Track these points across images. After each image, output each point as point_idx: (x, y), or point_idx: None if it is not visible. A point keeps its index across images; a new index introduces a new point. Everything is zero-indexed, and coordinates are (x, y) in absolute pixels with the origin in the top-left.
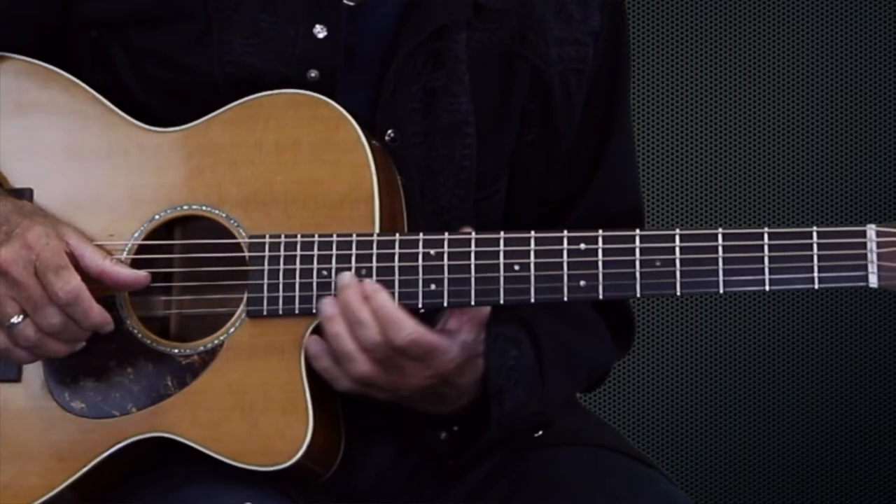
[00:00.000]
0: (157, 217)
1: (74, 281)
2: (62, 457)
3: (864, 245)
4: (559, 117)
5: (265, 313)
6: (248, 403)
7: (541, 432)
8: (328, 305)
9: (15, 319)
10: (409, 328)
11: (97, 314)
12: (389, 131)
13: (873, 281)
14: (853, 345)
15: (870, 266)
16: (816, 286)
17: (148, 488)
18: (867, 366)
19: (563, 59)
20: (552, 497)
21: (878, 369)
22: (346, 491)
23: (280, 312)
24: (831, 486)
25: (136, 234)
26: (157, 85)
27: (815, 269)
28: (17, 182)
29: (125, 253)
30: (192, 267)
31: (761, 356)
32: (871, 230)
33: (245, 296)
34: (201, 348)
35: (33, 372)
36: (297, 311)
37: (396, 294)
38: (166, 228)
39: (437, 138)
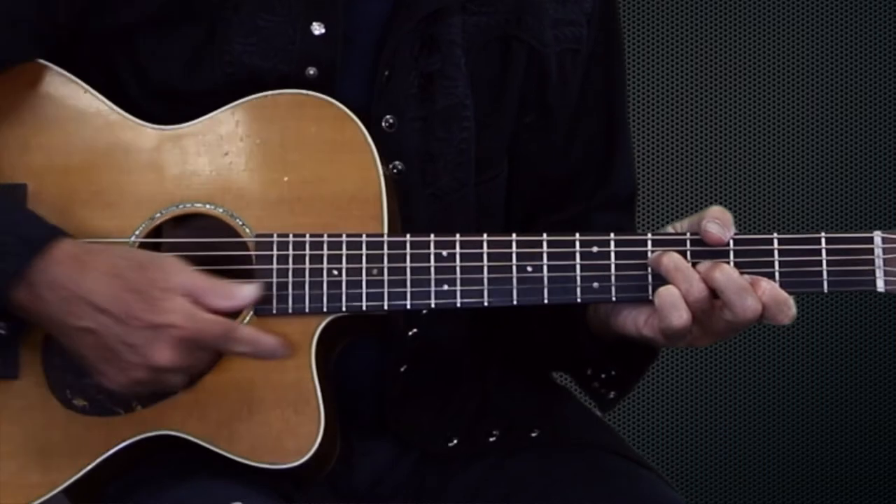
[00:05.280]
0: (158, 215)
1: (248, 334)
2: (64, 454)
3: (871, 251)
4: (555, 99)
5: (274, 312)
6: (257, 401)
7: (537, 432)
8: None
9: (178, 387)
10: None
11: (271, 342)
12: (387, 117)
13: (880, 286)
14: (853, 345)
15: (877, 271)
16: (826, 290)
17: (141, 487)
18: (867, 366)
19: (559, 40)
20: (550, 497)
21: (878, 369)
22: (345, 490)
23: (290, 311)
24: (831, 486)
25: (137, 232)
26: (157, 88)
27: (825, 273)
28: (11, 178)
29: None
30: (196, 265)
31: (761, 356)
32: (877, 236)
33: None
34: None
35: (32, 369)
36: (307, 310)
37: (408, 293)
38: (168, 227)
39: (435, 122)
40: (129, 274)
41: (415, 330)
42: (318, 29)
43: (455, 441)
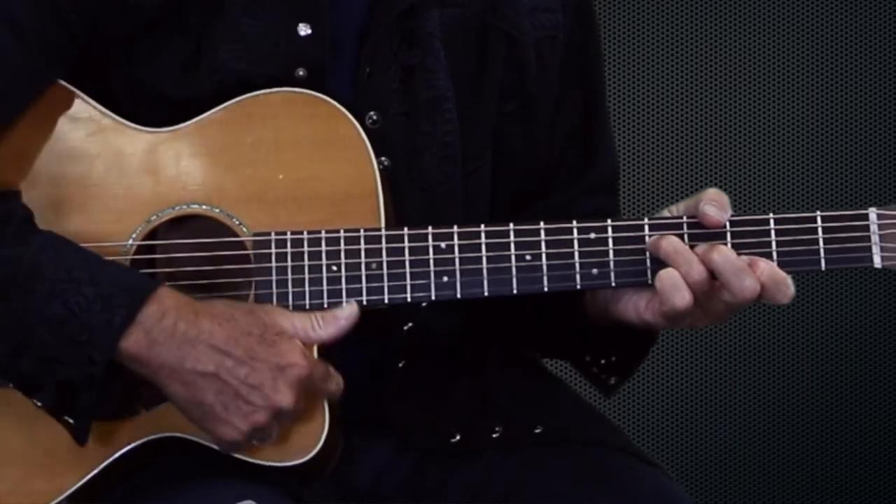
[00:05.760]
0: (154, 218)
1: (338, 378)
2: (69, 461)
3: (866, 227)
4: (536, 88)
5: None
6: None
7: (541, 428)
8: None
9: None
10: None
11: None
12: (371, 113)
13: (877, 261)
14: (853, 344)
15: (873, 248)
16: (823, 268)
17: (149, 489)
18: (867, 365)
19: (536, 28)
20: (552, 495)
21: (878, 368)
22: (346, 488)
23: (290, 309)
24: (831, 485)
25: (133, 235)
26: (150, 98)
27: (822, 251)
28: (4, 184)
29: (123, 255)
30: (194, 266)
31: (762, 355)
32: (872, 213)
33: (252, 293)
34: None
35: None
36: (307, 307)
37: (408, 286)
38: (164, 229)
39: (418, 116)
40: (242, 318)
41: (410, 324)
42: (304, 30)
43: (457, 437)
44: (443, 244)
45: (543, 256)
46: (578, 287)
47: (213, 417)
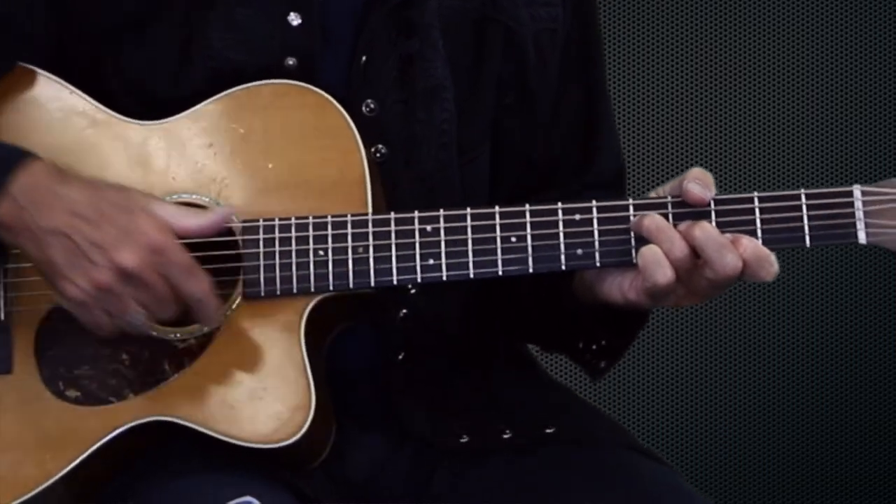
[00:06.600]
0: None
1: (206, 281)
2: (58, 446)
3: (851, 204)
4: (534, 79)
5: (263, 294)
6: (248, 383)
7: (553, 429)
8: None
9: (138, 320)
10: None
11: (217, 307)
12: (367, 101)
13: (862, 238)
14: (854, 344)
15: (858, 224)
16: (808, 244)
17: (143, 481)
18: (867, 365)
19: (534, 20)
20: (569, 493)
21: (878, 369)
22: (347, 481)
23: (278, 293)
24: (831, 485)
25: None
26: (143, 91)
27: (806, 228)
28: None
29: None
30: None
31: (762, 355)
32: (857, 190)
33: (241, 278)
34: (199, 332)
35: (25, 362)
36: (295, 291)
37: (394, 269)
38: None
39: (416, 104)
40: (109, 189)
41: (405, 311)
42: (295, 19)
43: (466, 438)
44: (429, 227)
45: (528, 238)
46: (563, 268)
47: (58, 275)
